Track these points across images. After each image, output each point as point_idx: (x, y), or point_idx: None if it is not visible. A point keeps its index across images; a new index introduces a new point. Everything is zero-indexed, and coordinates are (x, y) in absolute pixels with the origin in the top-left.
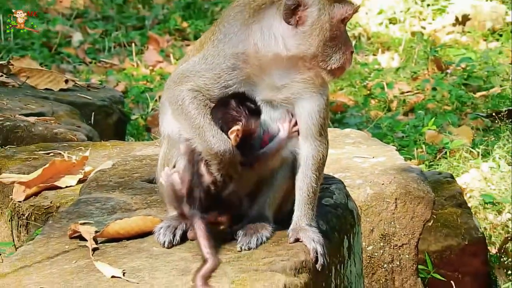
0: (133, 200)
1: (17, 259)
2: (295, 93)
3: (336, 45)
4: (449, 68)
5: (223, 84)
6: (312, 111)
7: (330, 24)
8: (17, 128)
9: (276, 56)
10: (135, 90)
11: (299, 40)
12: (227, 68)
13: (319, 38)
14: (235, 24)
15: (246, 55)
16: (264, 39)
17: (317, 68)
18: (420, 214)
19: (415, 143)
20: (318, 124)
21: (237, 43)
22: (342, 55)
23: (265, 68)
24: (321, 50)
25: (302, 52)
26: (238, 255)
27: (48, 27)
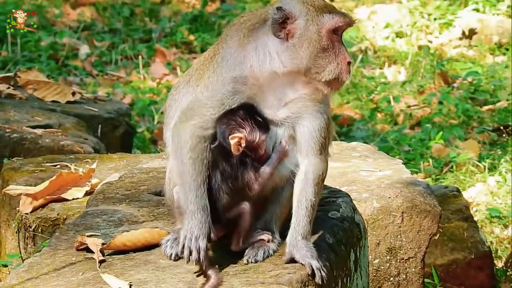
0: (140, 212)
1: (24, 271)
2: (295, 112)
3: (329, 56)
4: (456, 82)
5: (227, 108)
6: (312, 129)
7: (319, 35)
8: (24, 140)
9: (274, 74)
10: (141, 103)
11: (291, 53)
12: (228, 93)
13: (310, 50)
14: (232, 46)
15: (244, 77)
16: (259, 58)
17: (313, 81)
18: (427, 228)
19: (421, 157)
20: (319, 142)
21: (234, 66)
22: (337, 66)
23: (265, 88)
24: (313, 62)
25: (297, 66)
26: (244, 268)
27: (55, 40)
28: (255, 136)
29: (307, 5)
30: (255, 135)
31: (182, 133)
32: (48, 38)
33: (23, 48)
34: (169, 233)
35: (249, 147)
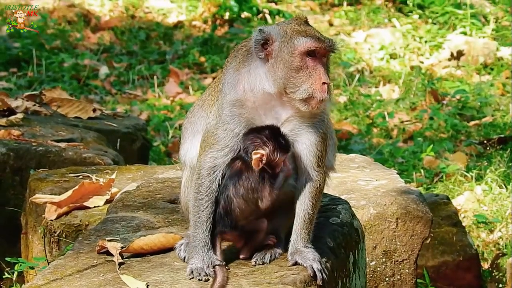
0: (156, 219)
1: (50, 272)
2: (292, 130)
3: (302, 76)
4: (445, 99)
5: (231, 134)
6: (310, 144)
7: (292, 56)
8: (49, 153)
9: (266, 95)
10: (156, 119)
11: (272, 74)
12: (228, 117)
13: (284, 70)
14: (230, 71)
15: (239, 100)
16: (251, 80)
17: (291, 100)
18: (419, 232)
19: (414, 168)
20: (316, 156)
21: (229, 91)
22: (310, 85)
23: (261, 110)
24: (288, 81)
25: (277, 85)
26: (252, 269)
27: (77, 61)
28: (276, 156)
29: (286, 28)
30: (276, 154)
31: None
32: (70, 60)
33: (47, 68)
34: (182, 237)
35: (269, 164)
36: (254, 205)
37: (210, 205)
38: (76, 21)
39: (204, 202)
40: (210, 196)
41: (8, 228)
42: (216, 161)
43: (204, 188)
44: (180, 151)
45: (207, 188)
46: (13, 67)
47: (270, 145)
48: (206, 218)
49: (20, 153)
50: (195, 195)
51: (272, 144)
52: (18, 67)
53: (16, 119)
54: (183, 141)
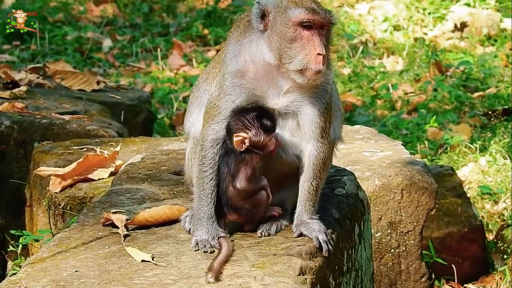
0: (160, 190)
1: (55, 245)
2: (294, 100)
3: (297, 47)
4: (449, 71)
5: (233, 105)
6: (313, 116)
7: (286, 27)
8: (53, 126)
9: (267, 66)
10: (161, 92)
11: (269, 44)
12: (230, 88)
13: (279, 42)
14: (232, 42)
15: (240, 71)
16: (252, 50)
17: (287, 71)
18: (424, 204)
19: (418, 140)
20: (320, 127)
21: (230, 61)
22: (305, 56)
23: (262, 81)
24: (283, 52)
25: (274, 56)
26: (258, 241)
27: (80, 34)
28: (260, 137)
29: (282, 0)
30: (260, 136)
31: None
32: (73, 33)
33: (50, 41)
34: (187, 209)
35: (255, 146)
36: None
37: (214, 177)
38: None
39: (208, 174)
40: (214, 168)
41: (12, 201)
42: (218, 134)
43: (207, 160)
44: (185, 123)
45: (211, 160)
46: (16, 40)
47: (253, 128)
48: (211, 191)
49: (24, 126)
50: (199, 167)
51: (255, 126)
52: (21, 40)
53: (19, 92)
54: (188, 114)
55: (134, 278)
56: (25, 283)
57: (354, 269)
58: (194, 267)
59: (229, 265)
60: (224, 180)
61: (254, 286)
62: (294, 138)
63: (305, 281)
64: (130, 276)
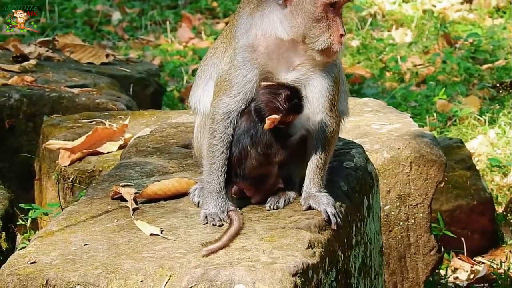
0: (169, 164)
1: (64, 218)
2: (304, 74)
3: (322, 27)
4: (458, 43)
5: (244, 80)
6: (322, 89)
7: (314, 6)
8: (62, 99)
9: (279, 41)
10: (171, 65)
11: (290, 21)
12: (240, 63)
13: (305, 19)
14: (243, 16)
15: (251, 45)
16: (264, 25)
17: (309, 50)
18: (433, 176)
19: (427, 112)
20: (328, 100)
21: (241, 36)
22: (329, 37)
23: (273, 55)
24: (308, 31)
25: (295, 33)
26: (266, 214)
27: (89, 7)
28: (289, 118)
29: None
30: (289, 117)
31: (212, 110)
32: (83, 5)
33: (60, 15)
34: (196, 182)
35: (282, 123)
36: (270, 158)
37: (225, 150)
38: None
39: (219, 147)
40: (225, 141)
41: (21, 174)
42: (230, 107)
43: (218, 133)
44: (191, 97)
45: (222, 133)
46: None
47: (284, 110)
48: (221, 164)
49: (33, 99)
50: (209, 141)
51: (287, 108)
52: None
53: (29, 65)
54: (195, 88)
55: (143, 251)
56: (34, 257)
57: (363, 242)
58: (203, 241)
59: (237, 238)
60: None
61: (263, 259)
62: None
63: (314, 254)
64: (139, 249)
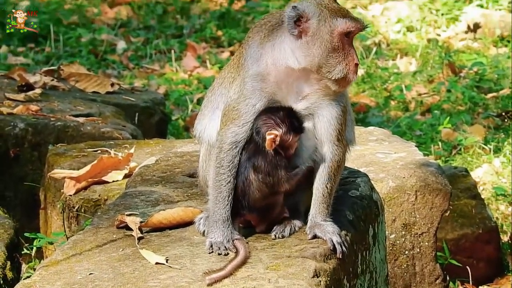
0: (175, 193)
1: (69, 247)
2: (314, 103)
3: (339, 57)
4: (462, 72)
5: (253, 109)
6: (330, 118)
7: (331, 36)
8: (68, 128)
9: (290, 70)
10: (176, 93)
11: (305, 51)
12: (250, 92)
13: (321, 49)
14: (253, 46)
15: (261, 74)
16: (274, 54)
17: (323, 79)
18: (438, 205)
19: (432, 140)
20: (336, 129)
21: (251, 65)
22: (346, 66)
23: (282, 85)
24: (325, 60)
25: (309, 63)
26: (272, 243)
27: (94, 36)
28: (289, 137)
29: (321, 7)
30: (289, 135)
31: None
32: (88, 35)
33: (65, 44)
34: (202, 211)
35: (282, 145)
36: (273, 188)
37: (232, 180)
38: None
39: (226, 177)
40: (233, 171)
41: (26, 203)
42: (237, 136)
43: (226, 162)
44: (196, 126)
45: (229, 162)
46: (30, 43)
47: (284, 126)
48: (228, 194)
49: (39, 128)
50: (216, 170)
51: (286, 125)
52: (36, 43)
53: (34, 94)
54: (201, 117)
55: (149, 280)
56: (39, 286)
57: (369, 271)
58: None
59: (243, 267)
60: (247, 181)
61: None
62: (309, 141)
63: (320, 283)
64: (145, 278)
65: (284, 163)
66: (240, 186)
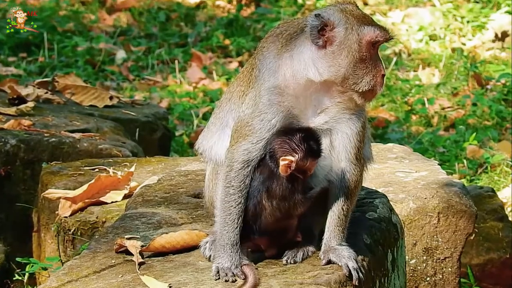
0: (178, 215)
1: (64, 273)
2: (333, 117)
3: (366, 67)
4: (489, 84)
5: (268, 125)
6: (351, 134)
7: (359, 45)
8: (63, 144)
9: (309, 82)
10: (180, 107)
11: (329, 61)
12: (266, 106)
13: (348, 59)
14: (269, 56)
15: (278, 87)
16: (294, 66)
17: (348, 91)
18: (463, 228)
19: (456, 158)
20: (356, 147)
21: (268, 77)
22: (373, 77)
23: (301, 98)
24: (351, 71)
25: (333, 74)
26: (283, 269)
27: (91, 45)
28: (306, 162)
29: (346, 14)
30: (306, 160)
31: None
32: (84, 43)
33: (60, 53)
34: (207, 235)
35: (299, 170)
36: (288, 212)
37: (243, 201)
38: (90, 2)
39: (237, 197)
40: (244, 191)
41: (19, 225)
42: (250, 155)
43: (236, 182)
44: (201, 142)
45: (241, 182)
46: (22, 52)
47: (300, 151)
48: (237, 216)
49: (32, 145)
50: (225, 190)
51: (303, 149)
52: (28, 52)
53: (26, 108)
54: (209, 135)
55: None
56: None
57: None
58: None
59: None
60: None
61: None
62: (325, 159)
63: None
64: None
65: (300, 187)
66: (251, 209)
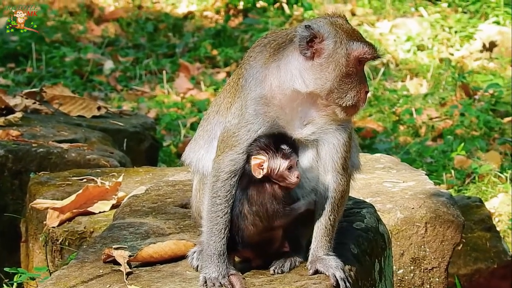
0: (166, 224)
1: (52, 283)
2: (320, 128)
3: (351, 82)
4: (477, 94)
5: (254, 135)
6: (337, 144)
7: (347, 60)
8: (51, 155)
9: (296, 93)
10: (168, 117)
11: (316, 73)
12: (252, 116)
13: (335, 73)
14: (255, 66)
15: (265, 97)
16: (281, 76)
17: (332, 104)
18: (450, 238)
19: (444, 168)
20: (342, 157)
21: (254, 87)
22: (357, 93)
23: (287, 109)
24: (337, 85)
25: (319, 86)
26: (270, 279)
27: (79, 55)
28: (277, 163)
29: (336, 28)
30: (277, 162)
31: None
32: (72, 54)
33: (48, 63)
34: (195, 245)
35: (273, 175)
36: (269, 222)
37: (229, 211)
38: (78, 12)
39: (223, 207)
40: (230, 201)
41: (7, 235)
42: (237, 165)
43: (223, 192)
44: (188, 153)
45: (227, 192)
46: (10, 62)
47: (270, 151)
48: (224, 226)
49: (19, 155)
50: (212, 200)
51: (272, 150)
52: (16, 62)
53: (14, 118)
54: (196, 147)
55: None
56: None
57: None
58: None
59: None
60: (241, 214)
61: None
62: (311, 170)
63: None
64: None
65: (281, 195)
66: (234, 220)
